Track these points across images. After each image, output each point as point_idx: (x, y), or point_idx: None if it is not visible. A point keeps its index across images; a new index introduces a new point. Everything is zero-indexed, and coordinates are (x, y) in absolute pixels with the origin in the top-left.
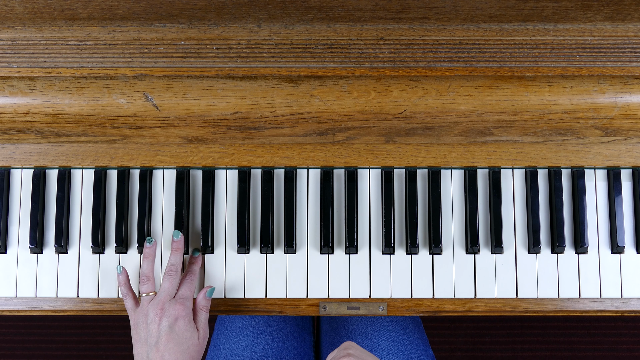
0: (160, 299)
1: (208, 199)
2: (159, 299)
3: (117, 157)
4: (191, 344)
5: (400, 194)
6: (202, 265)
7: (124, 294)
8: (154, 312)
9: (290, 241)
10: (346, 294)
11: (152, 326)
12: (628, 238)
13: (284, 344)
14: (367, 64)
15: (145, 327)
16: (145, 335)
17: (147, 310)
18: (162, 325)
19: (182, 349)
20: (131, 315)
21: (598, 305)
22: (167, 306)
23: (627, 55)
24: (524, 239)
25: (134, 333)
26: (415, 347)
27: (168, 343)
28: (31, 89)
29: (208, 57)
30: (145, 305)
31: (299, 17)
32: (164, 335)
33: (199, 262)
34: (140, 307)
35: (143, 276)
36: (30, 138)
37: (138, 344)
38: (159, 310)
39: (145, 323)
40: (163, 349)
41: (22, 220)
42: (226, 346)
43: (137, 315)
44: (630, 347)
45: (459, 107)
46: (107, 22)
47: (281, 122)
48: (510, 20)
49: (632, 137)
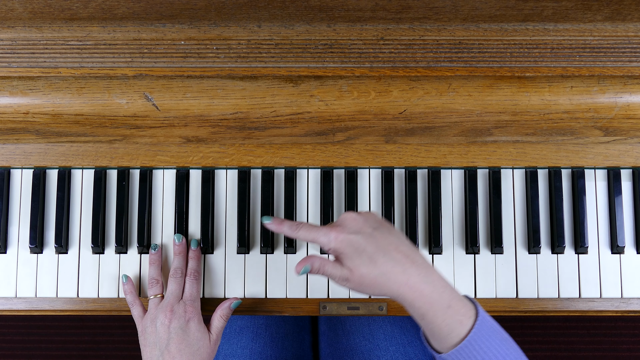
0: (168, 302)
1: (208, 199)
2: (167, 302)
3: (117, 157)
4: (202, 345)
5: (400, 194)
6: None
7: (131, 303)
8: (163, 315)
9: (291, 241)
10: (346, 294)
11: (161, 329)
12: (628, 238)
13: (283, 344)
14: (367, 64)
15: (154, 330)
16: (154, 339)
17: (155, 314)
18: (173, 327)
19: (193, 350)
20: (138, 322)
21: (598, 305)
22: (176, 308)
23: (627, 55)
24: (523, 239)
25: (142, 339)
26: (413, 346)
27: (180, 344)
28: (31, 89)
29: (208, 57)
30: (154, 309)
31: (299, 17)
32: (175, 337)
33: (199, 257)
34: (148, 312)
35: (151, 279)
36: (30, 138)
37: (147, 349)
38: (168, 312)
39: (154, 327)
40: (175, 350)
41: (22, 220)
42: (225, 347)
43: (144, 321)
44: (630, 347)
45: (459, 107)
46: (107, 22)
47: (281, 122)
48: (510, 20)
49: (632, 137)
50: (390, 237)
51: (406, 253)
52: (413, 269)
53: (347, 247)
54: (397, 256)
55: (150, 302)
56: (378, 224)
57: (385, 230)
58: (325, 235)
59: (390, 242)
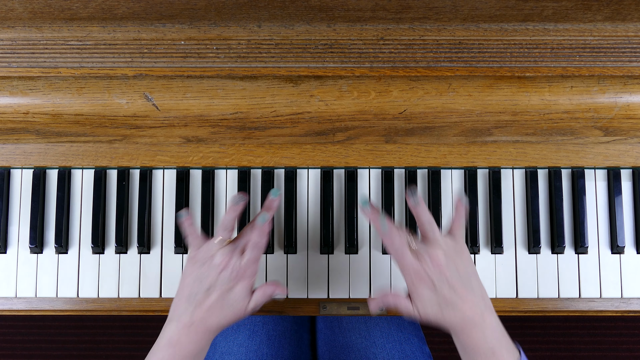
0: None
1: (208, 198)
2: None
3: (117, 157)
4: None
5: (400, 194)
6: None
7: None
8: (221, 257)
9: (290, 241)
10: (346, 294)
11: (212, 270)
12: (628, 238)
13: (280, 342)
14: (367, 64)
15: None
16: (200, 274)
17: (215, 251)
18: (222, 275)
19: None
20: (194, 247)
21: (598, 305)
22: (235, 259)
23: (627, 55)
24: (524, 239)
25: (189, 264)
26: (410, 344)
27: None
28: (31, 89)
29: (208, 57)
30: (217, 245)
31: (299, 17)
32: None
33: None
34: (209, 242)
35: (225, 226)
36: (30, 138)
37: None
38: (226, 257)
39: (210, 263)
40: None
41: (22, 220)
42: (222, 344)
43: (201, 250)
44: (630, 347)
45: (459, 107)
46: (107, 22)
47: (281, 122)
48: (510, 20)
49: (632, 137)
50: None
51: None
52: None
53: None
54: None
55: (215, 240)
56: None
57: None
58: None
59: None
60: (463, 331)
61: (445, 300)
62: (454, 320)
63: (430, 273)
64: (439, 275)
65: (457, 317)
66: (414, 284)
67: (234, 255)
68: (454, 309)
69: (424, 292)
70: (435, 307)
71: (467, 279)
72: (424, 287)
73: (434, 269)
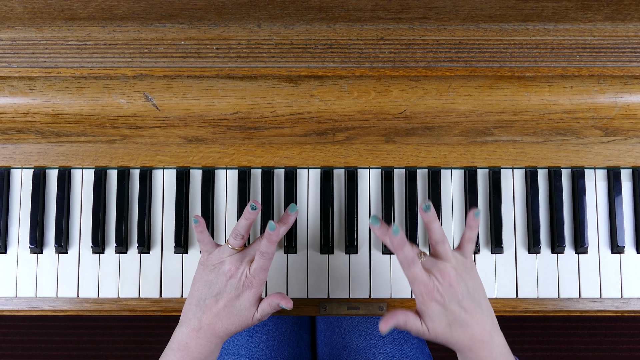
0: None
1: (208, 199)
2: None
3: (117, 157)
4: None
5: (400, 194)
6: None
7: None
8: (230, 264)
9: (290, 241)
10: (346, 294)
11: (221, 277)
12: (628, 238)
13: (280, 342)
14: (367, 64)
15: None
16: (210, 278)
17: (225, 258)
18: (230, 283)
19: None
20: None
21: (598, 305)
22: (243, 268)
23: (627, 55)
24: (524, 239)
25: (200, 269)
26: (410, 344)
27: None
28: (31, 89)
29: (208, 57)
30: (228, 252)
31: (299, 17)
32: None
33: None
34: (220, 248)
35: (237, 233)
36: (30, 138)
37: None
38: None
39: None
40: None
41: (22, 220)
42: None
43: (212, 255)
44: (630, 347)
45: (459, 107)
46: (107, 22)
47: (281, 122)
48: (510, 20)
49: (632, 137)
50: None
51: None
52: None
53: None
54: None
55: (226, 247)
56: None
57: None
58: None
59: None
60: (471, 350)
61: (455, 316)
62: (463, 339)
63: (440, 288)
64: (448, 291)
65: (466, 335)
66: (423, 299)
67: (242, 263)
68: (463, 327)
69: (433, 307)
70: (444, 324)
71: (476, 296)
72: (433, 302)
73: (444, 285)
